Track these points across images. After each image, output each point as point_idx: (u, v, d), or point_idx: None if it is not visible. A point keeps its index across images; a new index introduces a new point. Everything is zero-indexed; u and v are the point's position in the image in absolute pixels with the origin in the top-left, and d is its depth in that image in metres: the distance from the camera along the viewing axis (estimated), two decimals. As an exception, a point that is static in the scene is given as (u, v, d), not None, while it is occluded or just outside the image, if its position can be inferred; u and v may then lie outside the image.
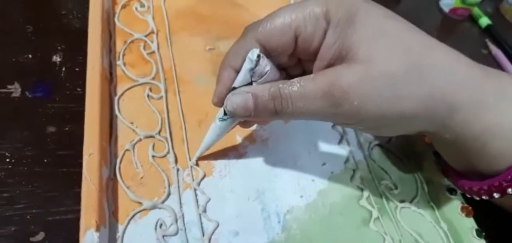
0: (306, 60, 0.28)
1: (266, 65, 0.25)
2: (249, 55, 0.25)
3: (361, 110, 0.24)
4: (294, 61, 0.28)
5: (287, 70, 0.29)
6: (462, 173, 0.31)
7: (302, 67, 0.29)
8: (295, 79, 0.25)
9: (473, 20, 0.61)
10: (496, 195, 0.27)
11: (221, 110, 0.28)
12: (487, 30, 0.59)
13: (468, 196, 0.31)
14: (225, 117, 0.28)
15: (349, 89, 0.24)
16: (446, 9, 0.59)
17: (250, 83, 0.26)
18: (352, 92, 0.24)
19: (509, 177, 0.26)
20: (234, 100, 0.26)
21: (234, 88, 0.27)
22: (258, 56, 0.25)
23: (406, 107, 0.25)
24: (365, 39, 0.24)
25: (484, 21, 0.59)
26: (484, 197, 0.29)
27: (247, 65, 0.25)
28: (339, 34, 0.25)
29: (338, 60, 0.25)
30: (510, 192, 0.27)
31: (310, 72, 0.27)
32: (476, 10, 0.60)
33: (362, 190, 0.33)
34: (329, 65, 0.26)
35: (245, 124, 0.30)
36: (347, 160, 0.35)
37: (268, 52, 0.26)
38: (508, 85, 0.27)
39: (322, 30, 0.25)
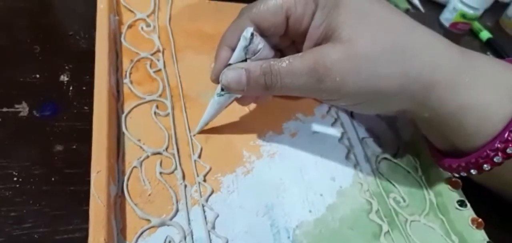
0: (299, 42, 0.30)
1: (259, 43, 0.28)
2: (244, 33, 0.27)
3: (342, 86, 0.26)
4: (287, 42, 0.31)
5: (283, 51, 0.32)
6: (444, 152, 0.33)
7: (295, 48, 0.31)
8: (285, 57, 0.27)
9: (474, 34, 0.61)
10: (473, 172, 0.29)
11: (219, 86, 0.30)
12: (488, 43, 0.60)
13: (450, 174, 0.33)
14: (222, 93, 0.30)
15: (332, 66, 0.26)
16: (446, 24, 0.60)
17: (245, 60, 0.28)
18: (334, 69, 0.26)
19: (485, 153, 0.28)
20: (228, 75, 0.28)
21: (230, 65, 0.29)
22: (252, 34, 0.27)
23: (382, 85, 0.27)
24: (348, 20, 0.26)
25: (485, 34, 0.60)
26: (462, 174, 0.31)
27: (241, 43, 0.28)
28: (326, 15, 0.27)
29: (324, 40, 0.28)
30: (486, 169, 0.28)
31: None
32: (476, 24, 0.61)
33: (371, 204, 0.33)
34: (317, 44, 0.28)
35: (241, 100, 0.32)
36: (355, 174, 0.35)
37: (262, 32, 0.28)
38: (484, 66, 0.28)
39: (311, 11, 0.28)
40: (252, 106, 0.37)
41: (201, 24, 0.43)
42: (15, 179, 0.27)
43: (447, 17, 0.60)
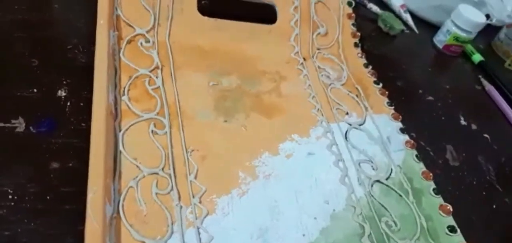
0: None
1: None
2: None
3: None
4: None
5: None
6: None
7: None
8: None
9: (466, 56, 0.62)
10: None
11: None
12: (480, 66, 0.61)
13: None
14: None
15: None
16: (439, 46, 0.61)
17: None
18: None
19: None
20: None
21: None
22: None
23: None
24: None
25: (477, 57, 0.61)
26: None
27: None
28: None
29: None
30: None
31: None
32: (469, 47, 0.62)
33: (363, 228, 0.33)
34: None
35: None
36: (348, 197, 0.35)
37: None
38: None
39: None
40: (249, 126, 0.37)
41: (200, 41, 0.43)
42: (10, 196, 0.27)
43: (440, 39, 0.60)
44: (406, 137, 0.42)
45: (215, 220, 0.30)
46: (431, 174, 0.39)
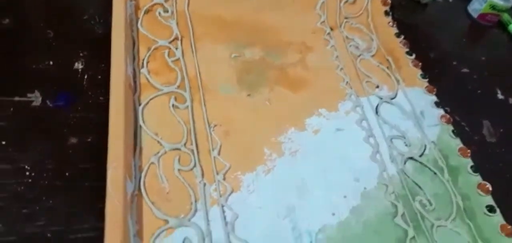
0: None
1: None
2: None
3: None
4: None
5: None
6: None
7: None
8: None
9: (503, 26, 0.58)
10: None
11: None
12: (518, 36, 0.57)
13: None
14: None
15: None
16: (474, 15, 0.57)
17: None
18: None
19: None
20: None
21: None
22: None
23: None
24: None
25: (515, 27, 0.57)
26: None
27: None
28: None
29: None
30: None
31: None
32: (506, 16, 0.58)
33: (396, 207, 0.32)
34: None
35: None
36: (380, 175, 0.33)
37: None
38: None
39: None
40: (273, 100, 0.35)
41: (221, 10, 0.41)
42: (27, 173, 0.26)
43: (475, 8, 0.57)
44: (441, 111, 0.39)
45: (240, 197, 0.29)
46: (468, 150, 0.36)
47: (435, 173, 0.35)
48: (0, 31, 0.33)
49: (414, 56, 0.44)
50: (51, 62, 0.32)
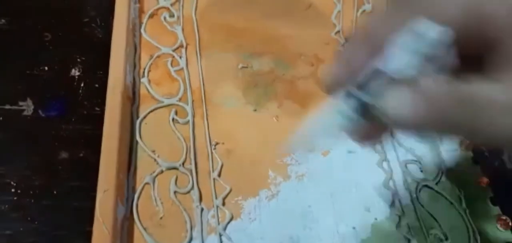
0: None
1: (452, 55, 0.17)
2: (433, 32, 0.16)
3: None
4: None
5: None
6: None
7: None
8: (476, 79, 0.16)
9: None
10: None
11: (350, 101, 0.18)
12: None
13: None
14: (353, 113, 0.17)
15: None
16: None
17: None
18: None
19: None
20: (395, 96, 0.16)
21: (379, 74, 0.16)
22: (445, 34, 0.16)
23: None
24: None
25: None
26: None
27: (419, 45, 0.16)
28: None
29: None
30: None
31: None
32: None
33: (409, 241, 0.29)
34: None
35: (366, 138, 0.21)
36: (392, 204, 0.31)
37: None
38: None
39: None
40: (281, 116, 0.33)
41: (229, 17, 0.39)
42: (13, 190, 0.25)
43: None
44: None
45: (240, 226, 0.27)
46: (488, 180, 0.34)
47: (451, 203, 0.33)
48: (-4, 32, 0.31)
49: (433, 72, 0.41)
50: (46, 67, 0.30)
